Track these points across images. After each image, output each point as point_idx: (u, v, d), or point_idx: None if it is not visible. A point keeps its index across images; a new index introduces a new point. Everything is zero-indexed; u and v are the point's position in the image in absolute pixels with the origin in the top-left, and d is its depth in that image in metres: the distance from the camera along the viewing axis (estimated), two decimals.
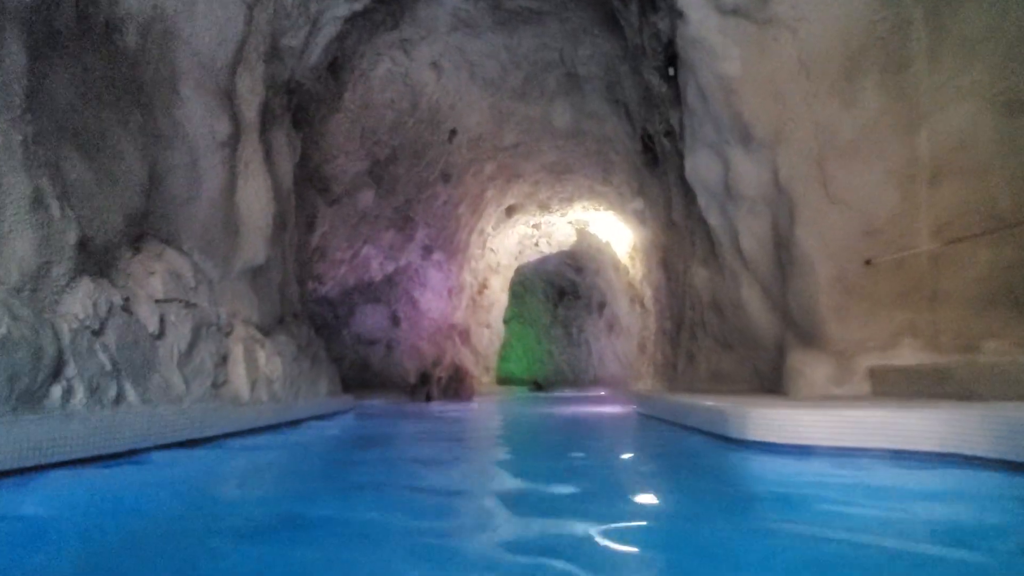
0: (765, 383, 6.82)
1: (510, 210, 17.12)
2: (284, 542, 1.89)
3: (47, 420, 2.94)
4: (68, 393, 3.28)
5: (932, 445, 3.38)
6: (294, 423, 6.01)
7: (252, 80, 6.14)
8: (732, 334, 7.47)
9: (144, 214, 4.59)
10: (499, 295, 20.47)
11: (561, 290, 25.25)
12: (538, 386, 22.64)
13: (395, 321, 14.80)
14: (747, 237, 6.47)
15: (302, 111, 8.52)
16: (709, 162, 6.83)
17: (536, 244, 20.46)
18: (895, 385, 4.85)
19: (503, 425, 7.26)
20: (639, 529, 2.17)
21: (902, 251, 5.03)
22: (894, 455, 3.50)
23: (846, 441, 3.60)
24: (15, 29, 3.35)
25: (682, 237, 9.34)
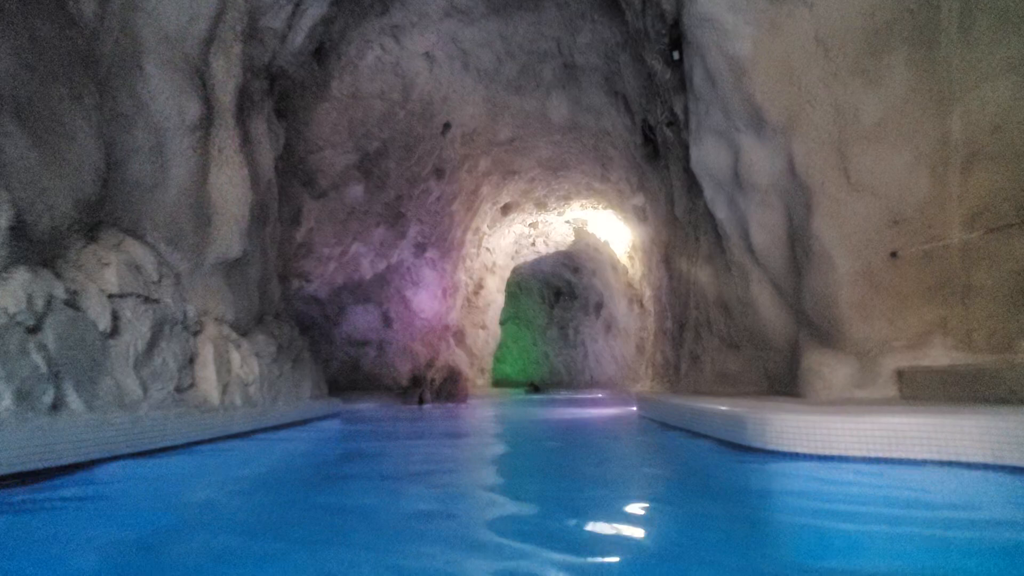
0: (776, 385, 6.41)
1: (506, 208, 16.70)
2: None
3: None
4: None
5: (985, 456, 2.97)
6: (275, 428, 5.57)
7: (228, 61, 5.70)
8: (740, 333, 7.07)
9: (100, 200, 4.14)
10: (495, 296, 20.03)
11: (557, 291, 24.88)
12: (535, 388, 22.23)
13: (387, 321, 14.33)
14: (758, 230, 6.07)
15: (285, 99, 8.08)
16: (717, 151, 6.42)
17: (533, 244, 20.07)
18: (926, 388, 4.44)
19: (497, 435, 6.82)
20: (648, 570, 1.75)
21: (932, 242, 4.63)
22: (940, 467, 3.09)
23: (885, 451, 3.19)
24: None
25: (685, 233, 8.93)
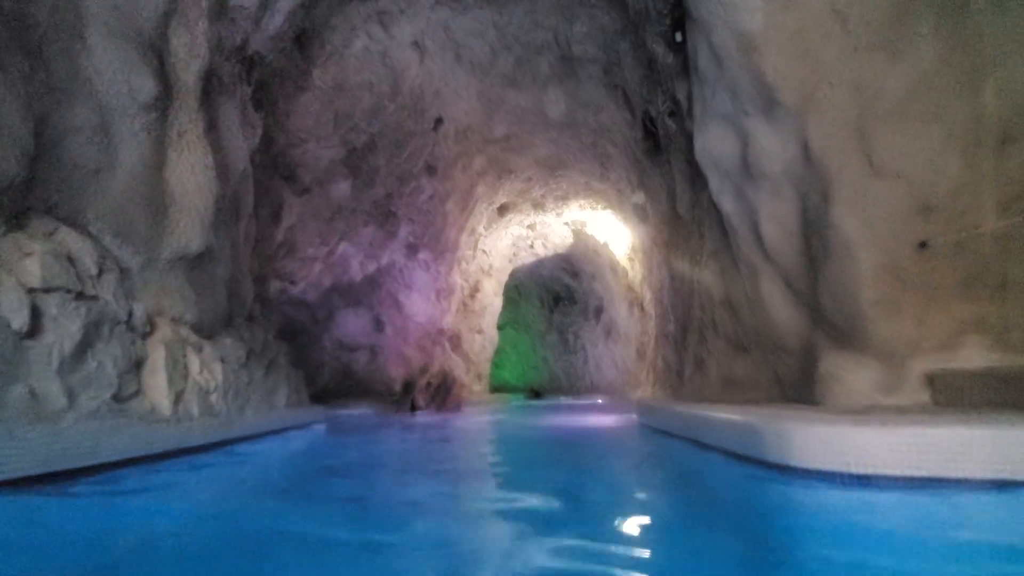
0: (788, 391, 5.91)
1: (503, 209, 16.23)
2: None
3: None
4: None
5: None
6: (241, 440, 5.07)
7: (191, 38, 5.24)
8: (748, 335, 6.57)
9: (26, 182, 3.66)
10: (492, 299, 19.53)
11: (557, 295, 24.41)
12: (535, 394, 21.70)
13: (379, 325, 13.82)
14: (768, 222, 5.59)
15: (264, 88, 7.62)
16: (723, 137, 5.95)
17: (531, 246, 19.59)
18: (963, 393, 3.94)
19: (488, 450, 6.32)
20: None
21: (964, 231, 4.15)
22: (998, 488, 2.60)
23: (933, 469, 2.69)
24: None
25: (689, 231, 8.45)
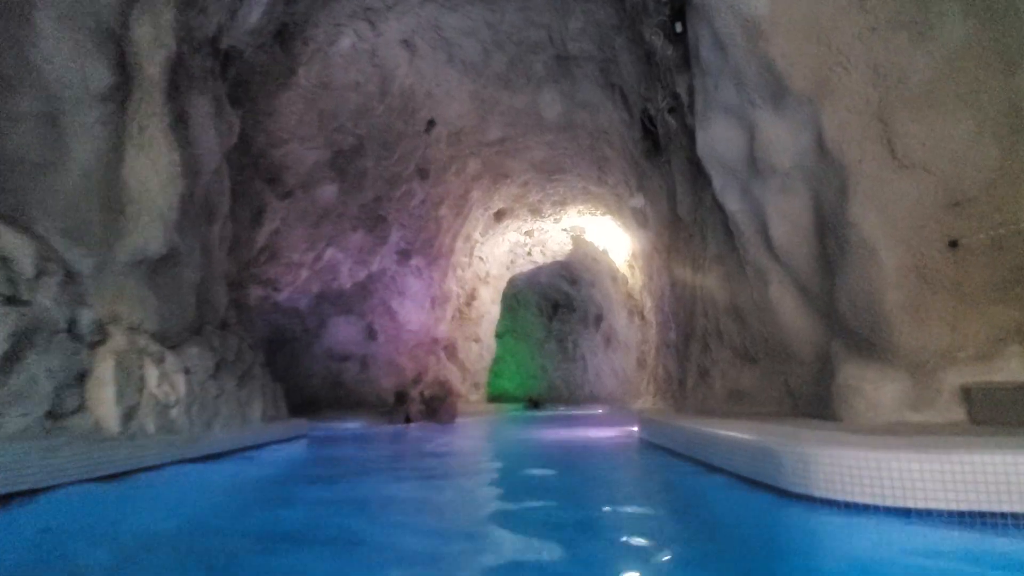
0: (800, 404, 5.47)
1: (499, 215, 15.85)
2: None
3: None
4: None
5: None
6: (206, 459, 4.63)
7: (156, 28, 4.87)
8: (756, 344, 6.14)
9: None
10: (489, 307, 19.10)
11: (555, 303, 24.00)
12: (535, 403, 21.19)
13: (370, 334, 13.40)
14: (778, 222, 5.20)
15: (242, 85, 7.25)
16: (728, 132, 5.57)
17: (529, 253, 19.20)
18: (1003, 409, 3.51)
19: (475, 482, 5.88)
20: None
21: (1001, 228, 3.74)
22: None
23: (986, 503, 2.26)
24: None
25: (690, 234, 8.05)
